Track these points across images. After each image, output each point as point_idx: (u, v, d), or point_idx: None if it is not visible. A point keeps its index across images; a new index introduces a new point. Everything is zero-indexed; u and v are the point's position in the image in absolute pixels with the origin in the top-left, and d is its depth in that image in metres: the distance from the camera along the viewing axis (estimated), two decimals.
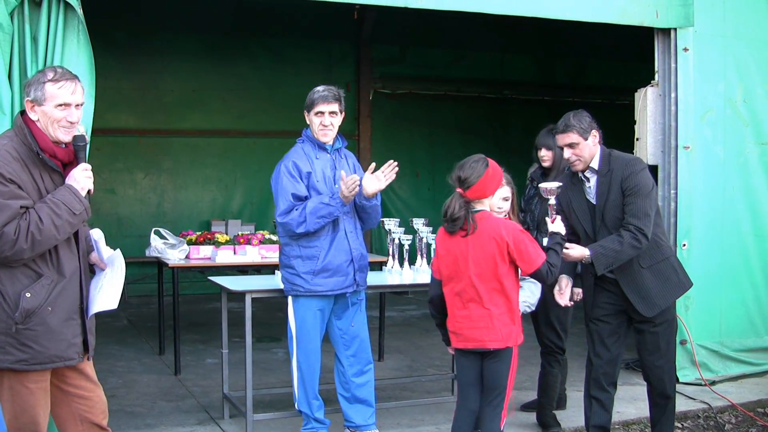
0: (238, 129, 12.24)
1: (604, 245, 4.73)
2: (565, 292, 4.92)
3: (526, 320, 5.05)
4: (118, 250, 3.97)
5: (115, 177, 11.65)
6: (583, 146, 4.79)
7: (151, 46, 11.73)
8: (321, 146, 5.26)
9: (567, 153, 4.83)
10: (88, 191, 3.74)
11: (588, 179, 4.89)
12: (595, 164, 4.84)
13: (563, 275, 4.92)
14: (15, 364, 3.56)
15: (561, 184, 4.82)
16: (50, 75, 3.67)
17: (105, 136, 10.51)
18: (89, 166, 3.76)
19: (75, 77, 3.74)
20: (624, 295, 4.86)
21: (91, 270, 3.97)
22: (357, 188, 5.01)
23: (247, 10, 11.71)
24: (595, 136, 4.80)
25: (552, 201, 4.73)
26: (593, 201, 4.89)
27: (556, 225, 4.61)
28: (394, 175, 5.17)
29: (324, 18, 11.56)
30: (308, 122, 5.28)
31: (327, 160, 5.26)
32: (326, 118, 5.18)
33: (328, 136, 5.23)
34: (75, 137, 3.73)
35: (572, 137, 4.78)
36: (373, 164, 5.17)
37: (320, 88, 5.28)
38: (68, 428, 3.88)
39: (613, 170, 4.79)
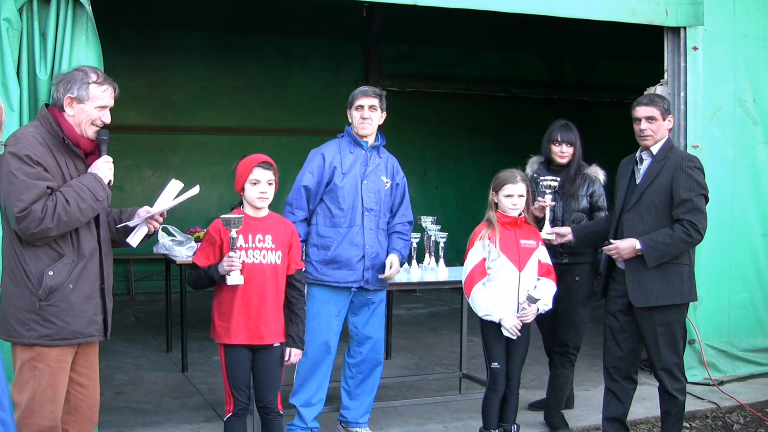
0: (246, 126, 12.22)
1: (654, 238, 4.87)
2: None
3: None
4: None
5: (124, 174, 11.64)
6: (659, 124, 5.01)
7: (159, 43, 11.75)
8: (357, 142, 5.33)
9: (643, 125, 5.01)
10: (109, 181, 3.97)
11: (642, 161, 5.07)
12: (655, 149, 5.02)
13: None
14: (39, 340, 3.75)
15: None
16: (94, 77, 3.92)
17: (113, 133, 10.26)
18: (111, 159, 4.02)
19: (112, 81, 4.01)
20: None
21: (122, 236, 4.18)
22: None
23: (255, 8, 11.71)
24: (670, 121, 5.04)
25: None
26: (638, 181, 5.04)
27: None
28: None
29: (332, 16, 11.56)
30: (350, 119, 5.38)
31: (361, 155, 5.33)
32: (366, 111, 5.28)
33: (367, 129, 5.31)
34: (99, 131, 3.99)
35: (654, 112, 5.01)
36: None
37: (362, 87, 5.44)
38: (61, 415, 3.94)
39: (669, 158, 4.96)
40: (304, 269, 4.95)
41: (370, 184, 5.30)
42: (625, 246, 4.91)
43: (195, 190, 4.29)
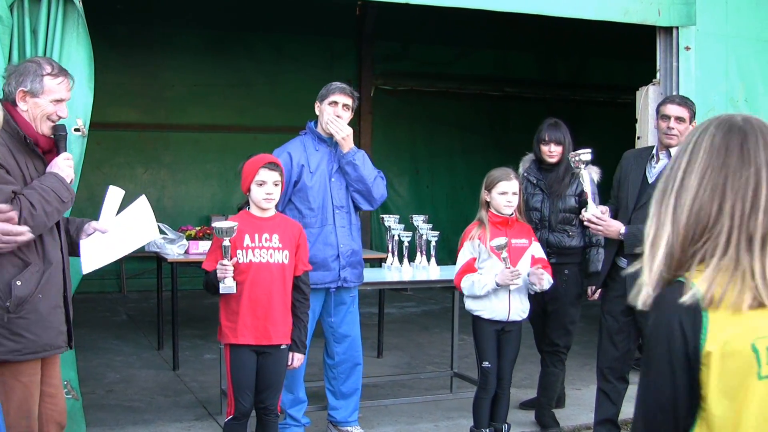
0: (238, 124, 12.21)
1: (639, 227, 4.85)
2: None
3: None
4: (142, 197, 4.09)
5: (116, 171, 11.63)
6: (686, 127, 4.95)
7: (151, 40, 11.73)
8: (322, 139, 5.25)
9: (672, 124, 4.94)
10: (71, 180, 3.73)
11: (658, 159, 5.01)
12: (673, 151, 4.95)
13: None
14: (8, 355, 3.50)
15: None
16: (48, 69, 3.68)
17: (105, 131, 10.49)
18: (71, 156, 3.77)
19: (68, 73, 3.77)
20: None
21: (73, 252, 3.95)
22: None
23: (248, 6, 11.69)
24: (693, 125, 4.96)
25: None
26: (651, 180, 4.98)
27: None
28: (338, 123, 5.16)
29: (326, 14, 11.55)
30: (318, 113, 5.26)
31: (326, 152, 5.24)
32: (339, 108, 5.17)
33: None
34: (56, 127, 3.73)
35: (685, 113, 4.98)
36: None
37: (337, 82, 5.30)
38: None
39: None
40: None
41: (338, 182, 5.22)
42: (612, 224, 4.91)
43: (143, 203, 4.09)
